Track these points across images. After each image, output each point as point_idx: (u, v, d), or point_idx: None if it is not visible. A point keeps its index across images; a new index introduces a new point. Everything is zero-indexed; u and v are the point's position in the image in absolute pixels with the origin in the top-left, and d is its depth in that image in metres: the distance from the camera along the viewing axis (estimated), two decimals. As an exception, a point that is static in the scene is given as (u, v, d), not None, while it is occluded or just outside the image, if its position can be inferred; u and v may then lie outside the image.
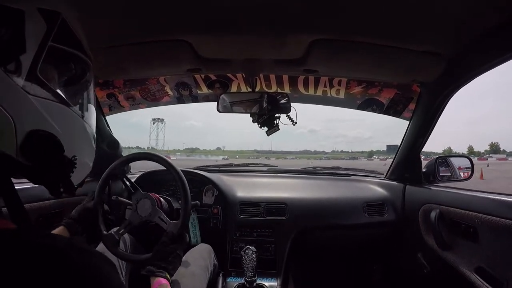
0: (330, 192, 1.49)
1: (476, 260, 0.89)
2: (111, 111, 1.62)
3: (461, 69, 0.97)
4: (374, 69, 1.15)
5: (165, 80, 1.51)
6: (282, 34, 0.89)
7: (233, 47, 1.00)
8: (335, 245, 1.51)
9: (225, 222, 1.35)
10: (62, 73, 0.42)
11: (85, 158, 0.46)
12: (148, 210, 0.94)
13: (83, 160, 0.45)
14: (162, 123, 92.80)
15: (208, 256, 1.09)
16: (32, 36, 0.35)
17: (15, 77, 0.32)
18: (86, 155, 0.46)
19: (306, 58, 1.03)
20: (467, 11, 0.73)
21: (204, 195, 1.39)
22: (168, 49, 1.00)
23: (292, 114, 1.23)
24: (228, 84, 1.56)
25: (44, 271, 0.29)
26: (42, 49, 0.36)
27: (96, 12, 0.76)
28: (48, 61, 0.37)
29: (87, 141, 0.46)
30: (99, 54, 1.02)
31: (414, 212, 1.23)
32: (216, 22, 0.84)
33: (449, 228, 1.02)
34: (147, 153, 1.03)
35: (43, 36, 0.36)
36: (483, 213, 0.86)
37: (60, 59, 0.41)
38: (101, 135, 1.44)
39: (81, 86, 0.47)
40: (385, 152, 66.53)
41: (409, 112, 1.44)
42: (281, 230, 1.32)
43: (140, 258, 0.90)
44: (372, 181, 1.59)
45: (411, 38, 0.90)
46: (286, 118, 1.23)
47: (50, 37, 0.37)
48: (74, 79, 0.45)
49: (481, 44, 0.84)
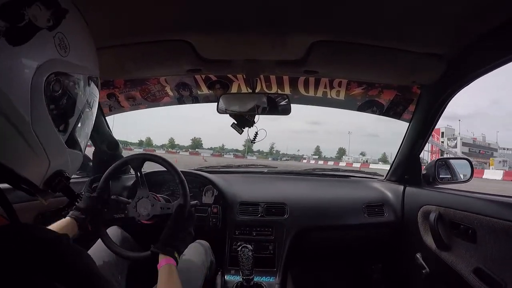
0: (330, 192, 1.50)
1: (474, 261, 0.89)
2: (111, 111, 1.62)
3: (461, 71, 0.98)
4: (374, 70, 1.16)
5: (165, 80, 1.51)
6: (283, 35, 0.90)
7: (234, 47, 1.00)
8: (334, 245, 1.51)
9: (224, 221, 1.35)
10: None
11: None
12: (148, 208, 0.96)
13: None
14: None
15: (205, 252, 1.09)
16: (80, 102, 0.44)
17: (62, 135, 0.41)
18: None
19: (306, 59, 1.03)
20: (467, 13, 0.74)
21: (204, 195, 1.39)
22: (169, 49, 1.00)
23: (261, 134, 1.27)
24: (228, 85, 1.56)
25: (33, 263, 0.30)
26: (83, 112, 0.45)
27: (96, 11, 0.76)
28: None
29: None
30: (99, 54, 1.01)
31: (413, 213, 1.24)
32: (217, 22, 0.85)
33: (448, 229, 1.02)
34: (147, 154, 1.04)
35: (85, 102, 0.45)
36: (482, 215, 0.86)
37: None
38: (101, 135, 1.44)
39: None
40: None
41: (409, 113, 1.44)
42: (280, 229, 1.32)
43: (140, 256, 0.91)
44: (371, 182, 1.60)
45: (411, 40, 0.90)
46: (253, 132, 1.26)
47: (88, 102, 0.46)
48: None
49: (481, 45, 0.84)
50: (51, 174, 0.41)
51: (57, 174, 0.42)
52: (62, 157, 0.43)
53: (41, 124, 0.37)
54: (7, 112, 0.33)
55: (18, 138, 0.35)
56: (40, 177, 0.40)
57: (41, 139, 0.37)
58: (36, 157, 0.38)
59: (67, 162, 0.44)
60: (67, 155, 0.44)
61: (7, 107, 0.33)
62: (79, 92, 0.43)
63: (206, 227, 1.30)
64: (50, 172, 0.41)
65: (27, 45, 0.33)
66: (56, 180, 0.42)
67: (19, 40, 0.33)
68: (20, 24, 0.33)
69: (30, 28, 0.34)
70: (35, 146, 0.37)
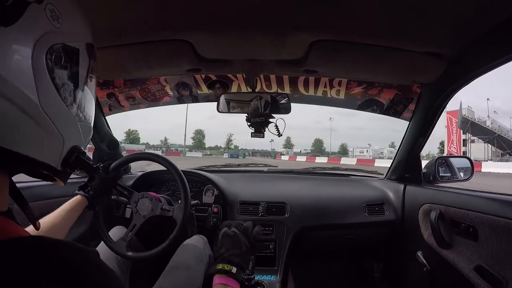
0: (330, 191, 1.50)
1: (475, 258, 0.89)
2: (111, 111, 1.62)
3: (461, 70, 0.98)
4: (374, 69, 1.16)
5: (165, 80, 1.51)
6: (283, 34, 0.90)
7: (233, 47, 1.00)
8: (335, 244, 1.51)
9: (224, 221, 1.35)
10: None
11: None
12: (149, 207, 0.96)
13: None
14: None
15: (203, 247, 1.09)
16: (83, 72, 0.42)
17: (71, 108, 0.40)
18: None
19: (306, 59, 1.03)
20: (467, 12, 0.74)
21: (204, 195, 1.39)
22: (168, 49, 1.00)
23: (280, 125, 1.22)
24: (228, 85, 1.56)
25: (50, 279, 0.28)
26: (86, 82, 0.44)
27: (96, 11, 0.76)
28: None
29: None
30: (99, 54, 1.01)
31: (414, 211, 1.24)
32: (217, 22, 0.84)
33: (449, 228, 1.03)
34: (147, 153, 1.04)
35: (87, 70, 0.44)
36: (483, 213, 0.86)
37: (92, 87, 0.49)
38: (101, 135, 1.44)
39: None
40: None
41: (409, 112, 1.44)
42: (281, 228, 1.32)
43: (146, 255, 0.93)
44: (372, 181, 1.60)
45: (411, 39, 0.90)
46: (273, 127, 1.22)
47: (89, 69, 0.44)
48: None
49: (481, 44, 0.84)
50: (66, 151, 0.41)
51: (73, 151, 0.42)
52: (74, 133, 0.42)
53: (50, 102, 0.36)
54: (14, 98, 0.31)
55: (29, 122, 0.33)
56: (57, 158, 0.40)
57: (51, 118, 0.36)
58: (51, 138, 0.37)
59: (79, 136, 0.44)
60: (79, 128, 0.43)
61: (13, 92, 0.31)
62: (80, 61, 0.42)
63: (206, 227, 1.31)
64: (66, 150, 0.41)
65: (18, 23, 0.32)
66: (73, 157, 0.42)
67: (10, 19, 0.31)
68: (8, 2, 0.31)
69: (19, 5, 0.32)
70: (47, 126, 0.36)
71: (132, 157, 1.07)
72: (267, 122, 1.20)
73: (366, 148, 50.07)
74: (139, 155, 1.11)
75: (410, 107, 1.43)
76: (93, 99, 0.49)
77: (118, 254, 0.93)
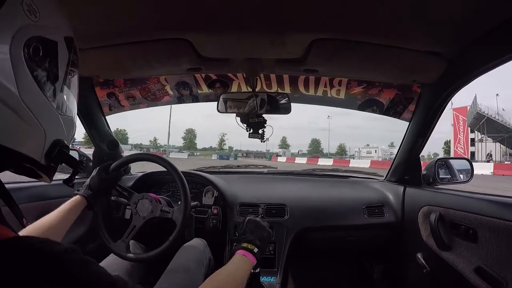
0: (330, 193, 1.49)
1: (475, 260, 0.88)
2: (111, 111, 1.62)
3: (461, 70, 0.97)
4: (375, 69, 1.15)
5: (165, 79, 1.51)
6: (283, 33, 0.90)
7: (233, 46, 1.00)
8: (334, 246, 1.51)
9: (224, 223, 1.34)
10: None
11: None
12: (148, 209, 0.95)
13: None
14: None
15: (203, 250, 1.08)
16: (62, 65, 0.43)
17: (52, 101, 0.41)
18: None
19: (306, 58, 1.03)
20: (467, 11, 0.73)
21: (204, 196, 1.39)
22: (169, 48, 1.00)
23: (268, 132, 1.26)
24: (228, 84, 1.56)
25: (39, 277, 0.29)
26: (67, 75, 0.44)
27: (96, 11, 0.76)
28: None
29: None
30: (99, 53, 1.02)
31: (413, 213, 1.23)
32: (217, 21, 0.84)
33: (449, 230, 1.02)
34: (147, 154, 1.04)
35: (67, 63, 0.44)
36: (483, 215, 0.86)
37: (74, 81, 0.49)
38: (101, 135, 1.44)
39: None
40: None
41: (408, 113, 1.44)
42: (281, 230, 1.31)
43: (145, 256, 0.92)
44: (371, 183, 1.59)
45: (412, 38, 0.90)
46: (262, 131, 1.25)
47: (69, 63, 0.45)
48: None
49: (482, 44, 0.84)
50: (49, 145, 0.41)
51: (55, 144, 0.42)
52: (56, 125, 0.43)
53: (30, 93, 0.36)
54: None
55: (10, 113, 0.34)
56: (39, 151, 0.40)
57: (32, 109, 0.37)
58: (31, 130, 0.38)
59: (62, 129, 0.44)
60: (61, 121, 0.44)
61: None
62: (59, 54, 0.42)
63: (206, 228, 1.30)
64: (48, 143, 0.41)
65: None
66: (56, 151, 0.42)
67: None
68: None
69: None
70: (28, 118, 0.36)
71: (133, 158, 1.07)
72: (265, 122, 1.20)
73: (375, 148, 47.32)
74: (140, 156, 1.11)
75: (410, 107, 1.43)
76: (76, 94, 0.50)
77: (118, 255, 0.93)
